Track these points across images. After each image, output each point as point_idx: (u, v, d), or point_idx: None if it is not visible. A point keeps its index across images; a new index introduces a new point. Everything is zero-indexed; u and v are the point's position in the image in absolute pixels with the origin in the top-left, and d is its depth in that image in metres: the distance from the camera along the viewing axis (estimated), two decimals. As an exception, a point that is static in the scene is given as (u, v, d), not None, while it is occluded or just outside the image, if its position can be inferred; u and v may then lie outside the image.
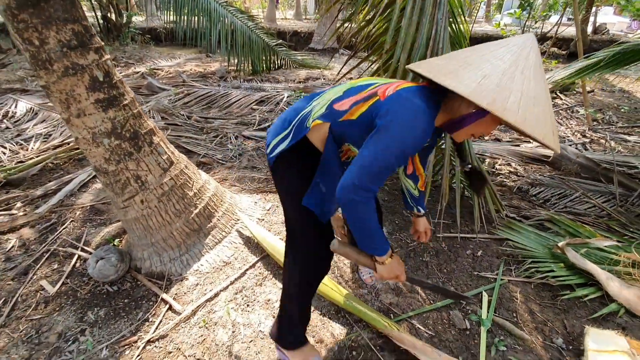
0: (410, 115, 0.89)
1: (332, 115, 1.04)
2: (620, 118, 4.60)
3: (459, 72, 0.85)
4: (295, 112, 1.15)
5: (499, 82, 0.82)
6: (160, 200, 1.80)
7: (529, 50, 0.87)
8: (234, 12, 5.49)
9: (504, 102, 0.80)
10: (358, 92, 1.03)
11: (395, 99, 0.94)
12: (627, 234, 2.24)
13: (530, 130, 0.80)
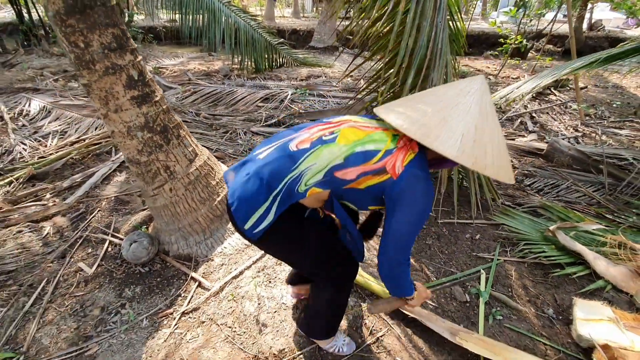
0: (425, 194, 1.00)
1: (334, 183, 1.02)
2: (612, 113, 4.80)
3: (441, 135, 0.94)
4: (273, 174, 1.02)
5: (475, 138, 0.94)
6: (187, 188, 1.97)
7: (486, 95, 0.99)
8: (237, 12, 5.63)
9: (483, 160, 0.95)
10: (364, 161, 0.99)
11: (409, 179, 0.98)
12: (615, 219, 2.43)
13: (502, 178, 0.98)
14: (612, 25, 13.10)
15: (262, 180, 1.02)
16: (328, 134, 1.04)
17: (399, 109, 1.03)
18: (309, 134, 1.06)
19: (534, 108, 4.88)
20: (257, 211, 1.03)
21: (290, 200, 1.03)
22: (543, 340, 1.62)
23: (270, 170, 1.03)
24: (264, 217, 1.04)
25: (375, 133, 1.03)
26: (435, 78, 1.95)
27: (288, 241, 1.14)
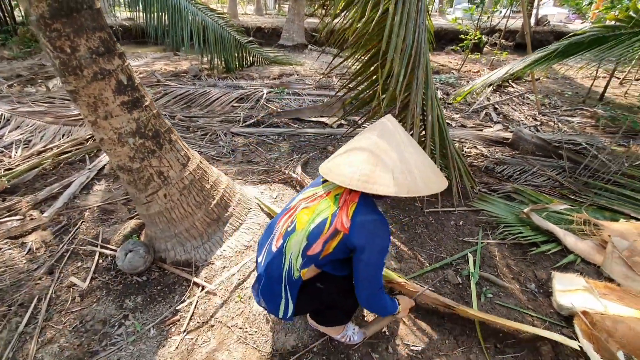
0: (379, 232, 1.15)
1: (312, 259, 1.21)
2: (564, 102, 5.24)
3: (377, 179, 1.09)
4: (274, 276, 1.25)
5: (402, 170, 1.10)
6: (181, 193, 1.94)
7: (398, 128, 1.19)
8: (203, 10, 5.49)
9: (415, 186, 1.10)
10: (320, 233, 1.16)
11: (358, 228, 1.13)
12: (577, 199, 2.70)
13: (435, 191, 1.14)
14: (555, 20, 14.18)
15: (271, 282, 1.27)
16: (290, 223, 1.25)
17: (337, 167, 1.18)
18: (279, 230, 1.29)
19: (496, 100, 5.22)
20: (281, 304, 1.28)
21: (297, 285, 1.25)
22: (529, 313, 1.78)
23: (270, 274, 1.26)
24: (287, 305, 1.28)
25: (320, 203, 1.22)
26: (419, 76, 2.06)
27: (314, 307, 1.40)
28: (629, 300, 1.78)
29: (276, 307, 1.29)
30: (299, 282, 1.25)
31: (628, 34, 2.95)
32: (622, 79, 6.44)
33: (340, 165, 1.18)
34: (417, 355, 1.55)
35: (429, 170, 1.17)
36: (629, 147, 3.63)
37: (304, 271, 1.23)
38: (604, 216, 2.44)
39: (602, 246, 2.14)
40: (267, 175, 2.87)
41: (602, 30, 3.18)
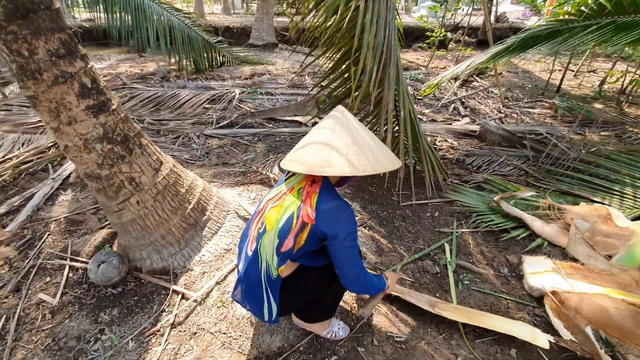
0: (344, 216, 1.20)
1: (287, 255, 1.23)
2: (525, 95, 5.51)
3: (333, 162, 1.14)
4: (254, 280, 1.27)
5: (357, 152, 1.16)
6: (155, 199, 1.88)
7: (348, 117, 1.26)
8: (169, 9, 5.32)
9: (369, 165, 1.16)
10: (289, 228, 1.19)
11: (324, 216, 1.17)
12: (542, 186, 2.85)
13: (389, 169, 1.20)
14: (513, 17, 14.89)
15: (252, 287, 1.29)
16: (260, 225, 1.27)
17: (296, 156, 1.23)
18: (252, 233, 1.30)
19: (462, 95, 5.42)
20: (264, 307, 1.29)
21: (277, 285, 1.27)
22: (504, 296, 1.87)
23: (250, 278, 1.29)
24: (270, 307, 1.29)
25: (285, 200, 1.25)
26: (391, 73, 2.10)
27: (297, 304, 1.40)
28: (592, 278, 1.91)
29: (260, 311, 1.30)
30: (278, 281, 1.27)
31: (580, 26, 3.15)
32: (576, 71, 6.86)
33: (298, 155, 1.23)
34: (402, 345, 1.59)
35: (381, 151, 1.24)
36: (585, 135, 3.88)
37: (281, 268, 1.25)
38: (566, 200, 2.60)
39: (566, 229, 2.28)
40: (244, 176, 2.84)
41: (557, 24, 3.37)
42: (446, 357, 1.54)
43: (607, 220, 2.27)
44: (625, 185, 2.62)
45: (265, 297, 1.28)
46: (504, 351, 1.57)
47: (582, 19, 3.20)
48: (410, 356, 1.54)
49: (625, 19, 2.96)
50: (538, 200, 2.56)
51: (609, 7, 3.02)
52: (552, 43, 3.27)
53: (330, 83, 2.90)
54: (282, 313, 1.36)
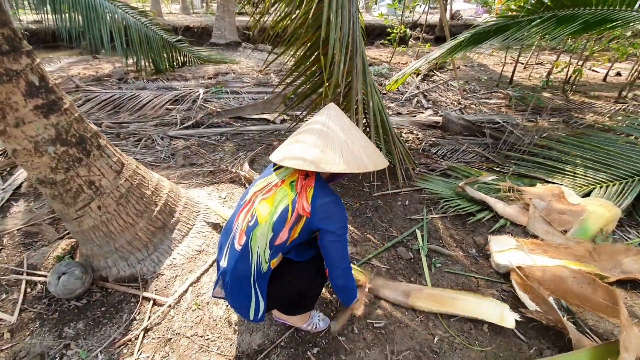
0: (337, 211, 1.22)
1: (280, 247, 1.22)
2: (481, 86, 5.80)
3: (328, 159, 1.15)
4: (242, 275, 1.22)
5: (350, 150, 1.19)
6: (119, 203, 1.78)
7: (341, 115, 1.28)
8: (123, 8, 5.05)
9: (363, 163, 1.19)
10: (284, 221, 1.18)
11: (319, 210, 1.19)
12: (501, 170, 3.02)
13: (380, 167, 1.23)
14: (467, 15, 15.63)
15: (240, 282, 1.23)
16: (250, 218, 1.23)
17: (290, 152, 1.22)
18: (240, 227, 1.25)
19: (424, 88, 5.61)
20: (251, 304, 1.25)
21: (266, 279, 1.24)
22: (474, 275, 1.96)
23: (238, 274, 1.22)
24: (258, 303, 1.26)
25: (278, 193, 1.22)
26: (358, 64, 2.13)
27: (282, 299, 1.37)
28: (552, 252, 2.04)
29: (247, 309, 1.26)
30: (268, 274, 1.24)
31: (525, 21, 3.36)
32: (526, 63, 7.32)
33: (292, 151, 1.22)
34: (381, 330, 1.61)
35: (372, 150, 1.27)
36: (536, 122, 4.15)
37: (273, 261, 1.24)
38: (524, 182, 2.77)
39: (525, 209, 2.42)
40: (214, 176, 2.76)
41: (505, 19, 3.57)
42: (424, 337, 1.59)
43: (561, 198, 2.44)
44: (575, 166, 2.83)
45: (254, 294, 1.24)
46: (477, 327, 1.64)
47: (526, 14, 3.42)
48: (390, 340, 1.57)
49: (565, 12, 3.20)
50: (499, 183, 2.70)
51: (548, 3, 3.25)
52: (501, 37, 3.47)
53: (296, 79, 2.89)
54: (269, 308, 1.33)
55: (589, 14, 3.08)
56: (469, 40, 3.76)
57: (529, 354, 1.53)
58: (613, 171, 2.66)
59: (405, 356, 1.50)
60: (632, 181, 2.54)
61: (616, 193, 2.50)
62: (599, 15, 3.05)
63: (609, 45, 5.49)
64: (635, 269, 1.93)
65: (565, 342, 1.55)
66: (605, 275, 1.89)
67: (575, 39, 5.41)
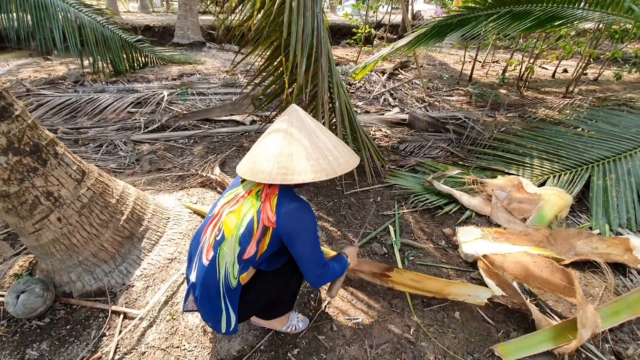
0: (305, 217, 1.18)
1: (249, 262, 1.19)
2: (444, 84, 6.03)
3: (295, 168, 1.12)
4: (211, 290, 1.20)
5: (317, 156, 1.15)
6: (81, 213, 1.69)
7: (303, 117, 1.23)
8: (76, 6, 4.75)
9: (332, 167, 1.15)
10: (251, 234, 1.14)
11: (285, 219, 1.14)
12: (465, 164, 3.16)
13: (350, 168, 1.21)
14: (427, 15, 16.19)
15: (209, 297, 1.20)
16: (217, 232, 1.20)
17: (255, 164, 1.18)
18: (207, 241, 1.22)
19: (391, 87, 5.75)
20: (222, 318, 1.22)
21: (237, 293, 1.21)
22: (444, 266, 2.05)
23: (206, 290, 1.20)
24: (229, 317, 1.23)
25: (244, 204, 1.19)
26: (323, 65, 2.15)
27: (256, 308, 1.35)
28: (514, 239, 2.18)
29: (218, 323, 1.24)
30: (238, 289, 1.21)
31: (484, 15, 3.54)
32: (483, 61, 7.70)
33: (257, 162, 1.17)
34: (359, 325, 1.65)
35: (341, 150, 1.23)
36: (495, 117, 4.39)
37: (242, 276, 1.20)
38: (486, 175, 2.92)
39: (488, 200, 2.56)
40: (183, 180, 2.68)
41: (465, 11, 3.71)
42: (401, 329, 1.64)
43: (520, 188, 2.61)
44: (531, 157, 3.03)
45: (224, 308, 1.21)
46: (449, 315, 1.72)
47: (485, 8, 3.59)
48: (368, 335, 1.60)
49: (520, 8, 3.40)
50: (463, 177, 2.83)
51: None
52: (461, 30, 3.63)
53: (265, 79, 2.86)
54: (241, 320, 1.32)
55: (540, 11, 3.30)
56: (432, 33, 3.89)
57: (497, 336, 1.63)
58: (564, 161, 2.88)
59: (384, 349, 1.54)
60: (581, 170, 2.76)
61: (567, 181, 2.70)
62: (549, 12, 3.28)
63: (557, 44, 5.91)
64: (587, 251, 2.10)
65: (529, 323, 1.66)
66: (561, 258, 2.04)
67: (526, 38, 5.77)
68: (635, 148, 2.74)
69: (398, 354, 1.52)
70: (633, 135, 2.84)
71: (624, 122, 3.03)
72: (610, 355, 1.56)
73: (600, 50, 6.34)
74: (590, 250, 2.11)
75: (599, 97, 4.88)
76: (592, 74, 6.56)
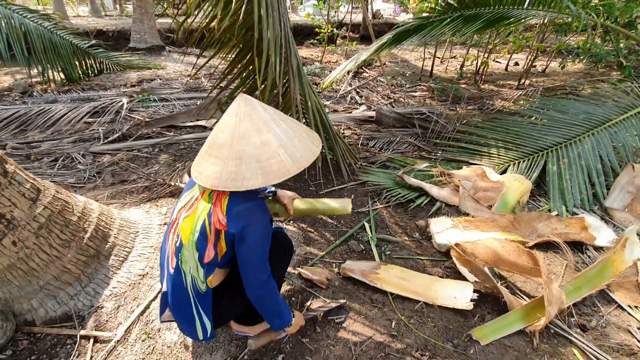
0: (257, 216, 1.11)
1: (212, 264, 1.15)
2: (407, 81, 6.21)
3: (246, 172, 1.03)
4: (182, 297, 1.18)
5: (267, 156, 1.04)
6: (38, 235, 1.57)
7: (253, 109, 1.09)
8: (20, 11, 4.41)
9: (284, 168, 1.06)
10: (205, 238, 1.10)
11: (234, 222, 1.08)
12: (432, 157, 3.28)
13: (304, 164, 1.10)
14: (387, 14, 16.58)
15: (181, 305, 1.19)
16: (176, 238, 1.17)
17: (204, 168, 1.09)
18: (170, 248, 1.20)
19: (356, 85, 5.83)
20: (196, 325, 1.20)
21: (208, 297, 1.19)
22: (420, 258, 2.11)
23: (177, 298, 1.20)
24: (203, 323, 1.21)
25: (198, 207, 1.14)
26: (293, 65, 2.14)
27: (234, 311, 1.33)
28: (482, 226, 2.28)
29: (193, 331, 1.21)
30: (209, 294, 1.18)
31: (438, 20, 3.70)
32: (442, 58, 8.01)
33: (207, 165, 1.09)
34: (342, 325, 1.65)
35: (297, 143, 1.11)
36: (456, 111, 4.58)
37: (209, 279, 1.17)
38: (452, 166, 3.04)
39: (456, 190, 2.67)
40: (150, 191, 2.56)
41: (421, 19, 3.89)
42: (382, 324, 1.67)
43: (484, 177, 2.74)
44: (491, 147, 3.19)
45: (196, 314, 1.19)
46: (427, 305, 1.77)
47: (437, 15, 3.77)
48: (351, 333, 1.61)
49: (469, 12, 3.59)
50: (432, 169, 2.93)
51: (455, 4, 3.62)
52: (420, 35, 3.78)
53: (231, 82, 2.81)
54: (218, 325, 1.28)
55: (489, 13, 3.49)
56: (393, 39, 4.02)
57: (473, 321, 1.70)
58: (522, 149, 3.06)
59: (368, 345, 1.56)
60: (537, 156, 2.95)
61: (526, 168, 2.87)
62: (497, 13, 3.48)
63: (507, 39, 6.26)
64: (548, 232, 2.24)
65: (502, 306, 1.75)
66: (526, 241, 2.16)
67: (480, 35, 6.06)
68: (583, 133, 2.96)
69: (382, 349, 1.54)
70: (581, 122, 3.06)
71: (572, 109, 3.26)
72: (576, 328, 1.67)
73: (546, 43, 6.78)
74: (550, 231, 2.25)
75: (548, 87, 5.23)
76: (540, 66, 7.01)
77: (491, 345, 1.57)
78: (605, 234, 2.26)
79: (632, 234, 2.00)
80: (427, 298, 1.79)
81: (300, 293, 1.82)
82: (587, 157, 2.77)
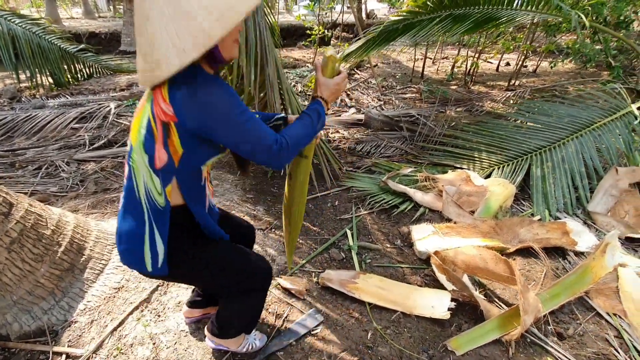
0: (209, 93, 0.90)
1: (166, 171, 0.97)
2: (397, 82, 6.20)
3: (160, 56, 0.85)
4: (131, 207, 1.02)
5: (176, 28, 0.83)
6: (10, 250, 1.56)
7: None
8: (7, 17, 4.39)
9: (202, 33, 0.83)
10: (152, 137, 0.93)
11: (184, 103, 0.89)
12: (418, 161, 3.27)
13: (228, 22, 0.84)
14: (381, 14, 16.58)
15: (129, 223, 1.03)
16: (128, 142, 1.01)
17: (139, 67, 0.93)
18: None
19: (347, 87, 5.83)
20: (145, 250, 1.02)
21: (165, 216, 1.02)
22: (400, 266, 2.11)
23: (128, 214, 1.03)
24: (154, 247, 1.03)
25: (145, 104, 0.97)
26: (270, 73, 2.13)
27: (192, 267, 1.14)
28: (464, 232, 2.28)
29: (140, 258, 1.03)
30: (167, 210, 1.01)
31: (427, 19, 3.67)
32: (433, 58, 8.01)
33: (138, 63, 0.93)
34: (318, 336, 1.65)
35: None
36: (445, 113, 4.58)
37: (168, 190, 0.98)
38: (437, 171, 3.04)
39: (440, 195, 2.66)
40: (130, 201, 2.55)
41: (409, 16, 3.80)
42: (359, 335, 1.66)
43: (468, 181, 2.74)
44: (477, 151, 3.19)
45: (148, 236, 1.00)
46: (405, 315, 1.77)
47: (427, 12, 3.72)
48: (327, 344, 1.61)
49: (459, 11, 3.56)
50: (417, 174, 2.93)
51: (446, 2, 3.58)
52: (409, 35, 3.76)
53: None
54: (173, 262, 1.06)
55: (478, 13, 3.47)
56: (380, 39, 3.98)
57: (450, 331, 1.69)
58: (506, 153, 3.06)
59: (343, 357, 1.55)
60: (521, 160, 2.95)
61: (510, 172, 2.87)
62: (486, 14, 3.46)
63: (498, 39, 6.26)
64: (529, 238, 2.24)
65: (478, 314, 1.74)
66: (506, 247, 2.16)
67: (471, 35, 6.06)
68: (567, 136, 2.97)
69: (356, 360, 1.54)
70: (565, 125, 3.07)
71: (556, 112, 3.26)
72: (552, 336, 1.67)
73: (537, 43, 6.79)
74: (532, 236, 2.26)
75: (538, 89, 5.23)
76: (531, 66, 7.02)
77: (467, 355, 1.57)
78: (587, 239, 2.26)
79: (613, 239, 2.00)
80: (405, 308, 1.78)
81: (277, 303, 1.81)
82: (571, 160, 2.77)
